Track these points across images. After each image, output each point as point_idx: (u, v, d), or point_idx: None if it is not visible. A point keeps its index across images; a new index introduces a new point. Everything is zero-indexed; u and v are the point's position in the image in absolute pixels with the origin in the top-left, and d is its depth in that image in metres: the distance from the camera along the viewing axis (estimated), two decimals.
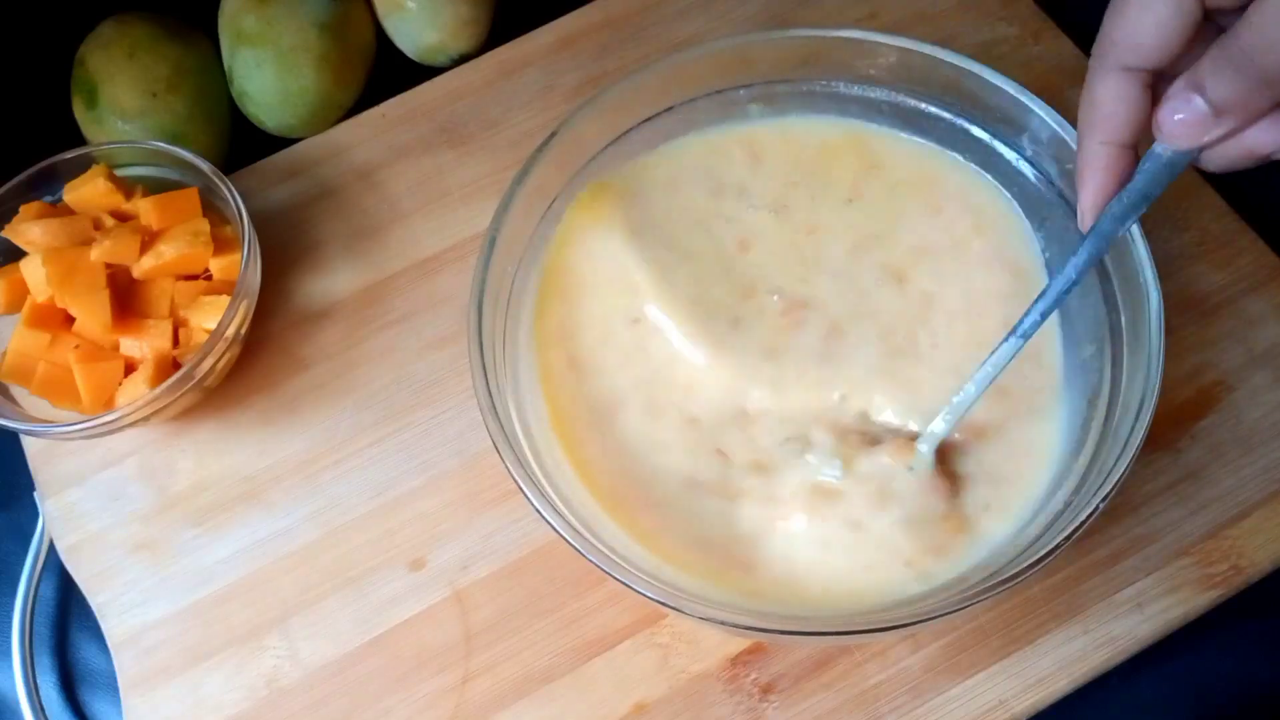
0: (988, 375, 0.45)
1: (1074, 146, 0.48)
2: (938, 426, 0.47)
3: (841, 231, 0.54)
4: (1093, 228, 0.40)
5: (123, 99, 0.63)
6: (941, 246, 0.53)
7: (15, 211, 0.58)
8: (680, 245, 0.54)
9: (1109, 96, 0.34)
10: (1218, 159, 0.34)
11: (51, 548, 0.57)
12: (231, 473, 0.57)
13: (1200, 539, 0.50)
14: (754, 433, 0.50)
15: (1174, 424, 0.52)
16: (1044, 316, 0.44)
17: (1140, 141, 0.38)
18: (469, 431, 0.56)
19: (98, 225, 0.57)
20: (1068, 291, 0.43)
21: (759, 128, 0.56)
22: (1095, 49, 0.35)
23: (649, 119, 0.55)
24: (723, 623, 0.42)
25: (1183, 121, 0.33)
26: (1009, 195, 0.53)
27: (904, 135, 0.55)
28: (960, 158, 0.54)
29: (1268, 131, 0.33)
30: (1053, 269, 0.52)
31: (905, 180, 0.55)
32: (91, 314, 0.54)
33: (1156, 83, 0.35)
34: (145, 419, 0.54)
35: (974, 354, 0.48)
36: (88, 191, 0.57)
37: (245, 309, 0.55)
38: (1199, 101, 0.32)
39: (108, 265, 0.55)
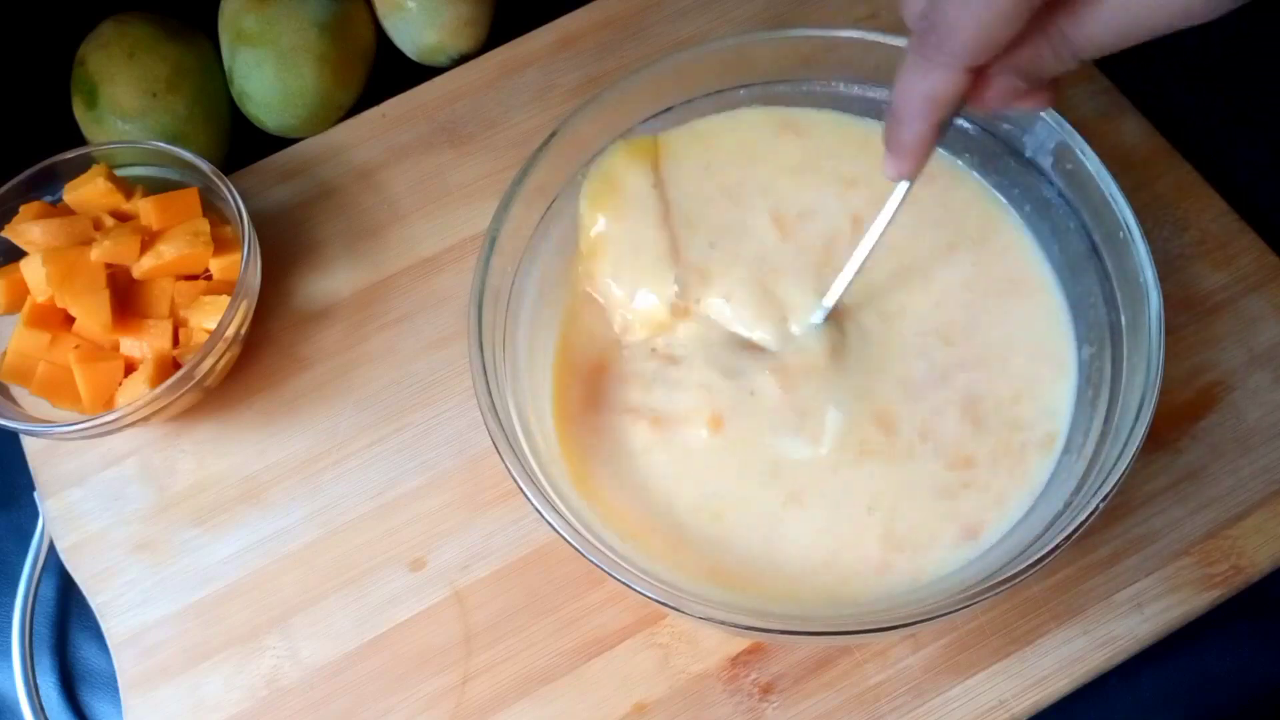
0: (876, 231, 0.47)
1: (1074, 147, 0.49)
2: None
3: (842, 232, 0.54)
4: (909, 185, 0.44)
5: (123, 99, 0.63)
6: (941, 246, 0.53)
7: (15, 211, 0.58)
8: (685, 240, 0.54)
9: (950, 90, 0.38)
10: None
11: (51, 548, 0.57)
12: (231, 473, 0.57)
13: (1200, 539, 0.50)
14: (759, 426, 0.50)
15: (1174, 424, 0.52)
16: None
17: None
18: (469, 431, 0.56)
19: (98, 225, 0.57)
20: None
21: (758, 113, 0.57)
22: (930, 40, 0.37)
23: (649, 119, 0.55)
24: (723, 623, 0.42)
25: (1006, 98, 0.39)
26: (1008, 196, 0.53)
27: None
28: (956, 158, 0.54)
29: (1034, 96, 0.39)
30: (1050, 265, 0.52)
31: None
32: (91, 314, 0.54)
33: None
34: (145, 419, 0.54)
35: (967, 337, 0.49)
36: (88, 191, 0.58)
37: (245, 309, 0.55)
38: (1019, 82, 0.38)
39: (108, 265, 0.55)
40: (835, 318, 0.51)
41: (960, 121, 0.54)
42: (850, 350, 0.51)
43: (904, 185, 0.45)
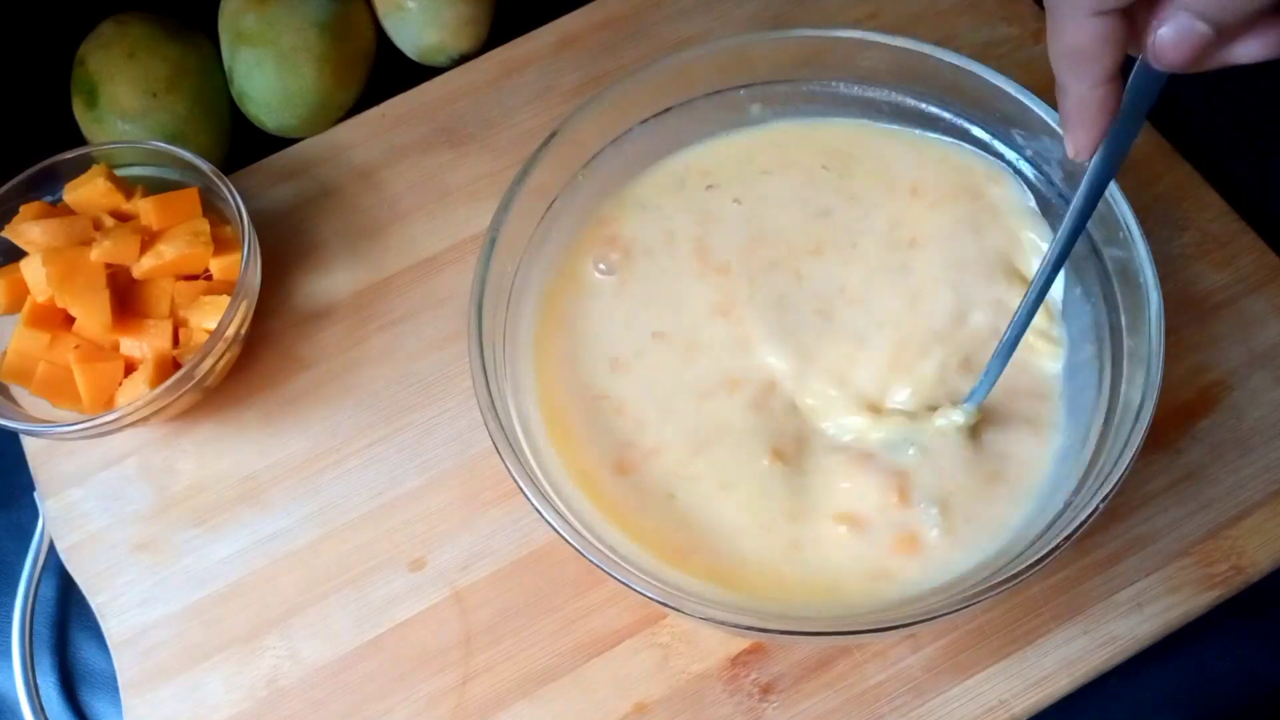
0: (1019, 326, 0.45)
1: None
2: (979, 390, 0.48)
3: (841, 229, 0.54)
4: (1097, 164, 0.39)
5: (123, 99, 0.63)
6: (939, 243, 0.53)
7: (15, 211, 0.58)
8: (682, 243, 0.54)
9: (1092, 40, 0.33)
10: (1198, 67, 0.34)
11: (51, 548, 0.57)
12: (231, 473, 0.57)
13: (1200, 539, 0.50)
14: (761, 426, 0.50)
15: (1174, 424, 0.52)
16: (1060, 260, 0.43)
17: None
18: (469, 431, 0.56)
19: (98, 225, 0.57)
20: (1079, 229, 0.42)
21: (759, 130, 0.57)
22: None
23: (649, 119, 0.56)
24: (723, 623, 0.42)
25: (1181, 45, 0.32)
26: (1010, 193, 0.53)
27: (904, 135, 0.55)
28: (959, 155, 0.54)
29: (1251, 45, 0.32)
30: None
31: (905, 179, 0.55)
32: (91, 314, 0.54)
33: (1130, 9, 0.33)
34: (145, 419, 0.54)
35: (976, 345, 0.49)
36: (88, 191, 0.57)
37: (245, 309, 0.55)
38: (1199, 25, 0.31)
39: (108, 265, 0.55)
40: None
41: (960, 120, 0.54)
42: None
43: (1090, 172, 0.39)
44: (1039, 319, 0.50)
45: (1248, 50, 0.32)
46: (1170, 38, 0.31)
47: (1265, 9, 0.30)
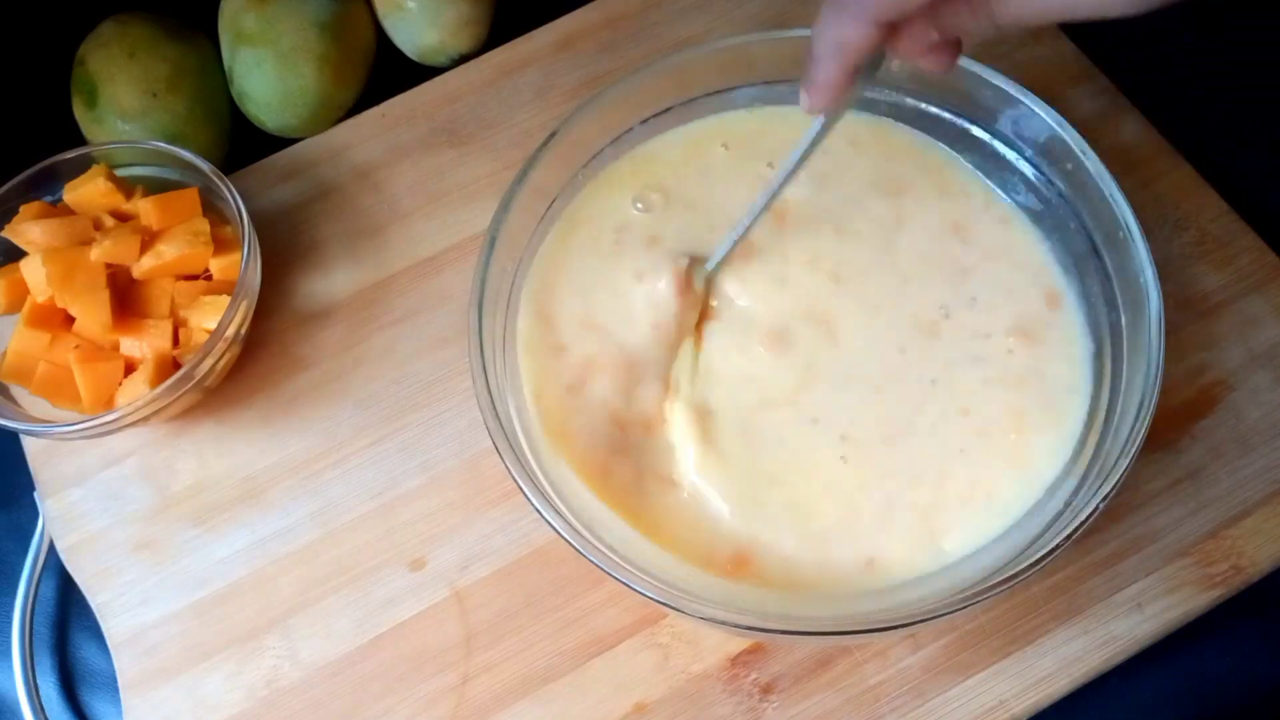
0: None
1: (1074, 145, 0.49)
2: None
3: (841, 230, 0.54)
4: (825, 122, 0.46)
5: (123, 99, 0.63)
6: (938, 243, 0.53)
7: (15, 211, 0.58)
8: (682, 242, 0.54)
9: (864, 39, 0.40)
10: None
11: (51, 548, 0.57)
12: (231, 473, 0.57)
13: (1200, 539, 0.50)
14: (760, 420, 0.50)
15: (1174, 424, 0.52)
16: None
17: None
18: (469, 431, 0.56)
19: (98, 225, 0.57)
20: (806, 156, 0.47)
21: (748, 117, 0.57)
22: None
23: (649, 119, 0.56)
24: (723, 623, 0.42)
25: (921, 49, 0.41)
26: (1005, 190, 0.54)
27: (904, 134, 0.55)
28: (959, 156, 0.55)
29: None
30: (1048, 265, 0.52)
31: (905, 178, 0.55)
32: (91, 314, 0.54)
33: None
34: (145, 419, 0.54)
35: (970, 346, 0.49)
36: (88, 191, 0.58)
37: (245, 309, 0.55)
38: (932, 33, 0.40)
39: (108, 265, 0.55)
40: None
41: (960, 120, 0.54)
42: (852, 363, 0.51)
43: (818, 121, 0.46)
44: (1040, 320, 0.50)
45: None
46: (912, 44, 0.41)
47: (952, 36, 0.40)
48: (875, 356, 0.50)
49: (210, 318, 0.54)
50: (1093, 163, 0.49)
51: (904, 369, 0.50)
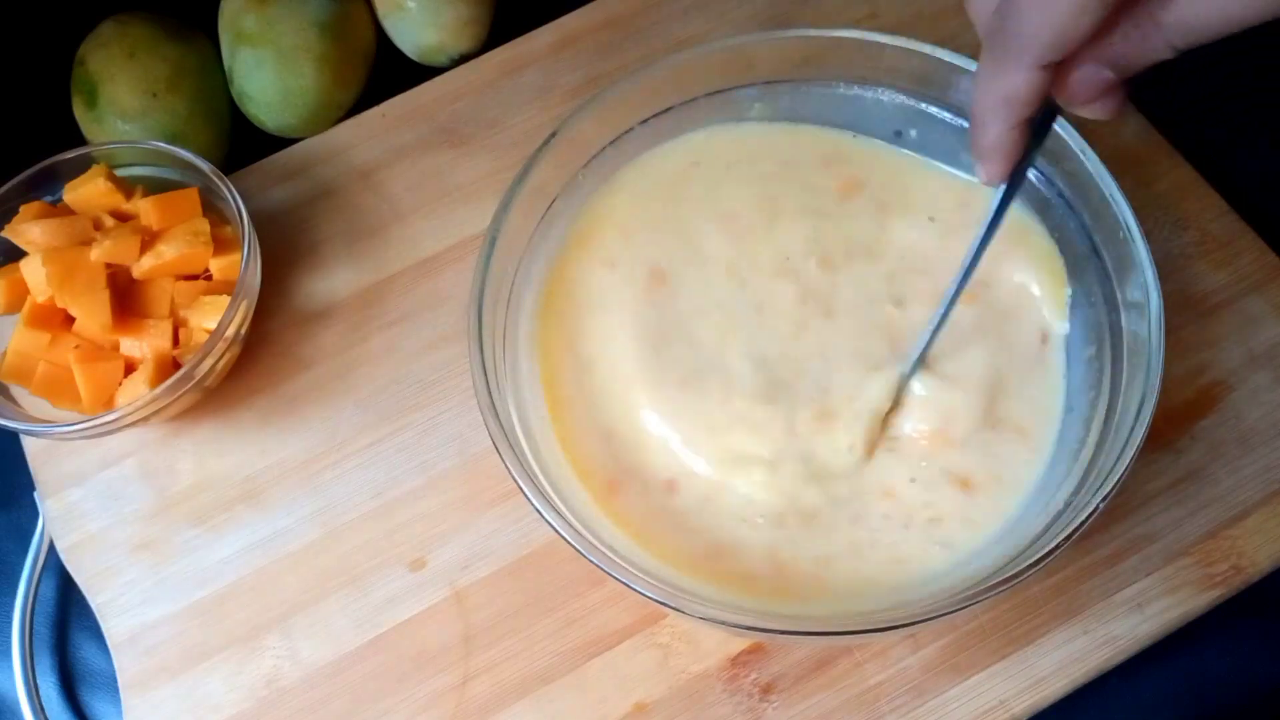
0: (943, 307, 0.47)
1: (1074, 145, 0.49)
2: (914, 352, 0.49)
3: (840, 229, 0.54)
4: (1008, 188, 0.43)
5: (123, 99, 0.63)
6: (936, 242, 0.53)
7: (15, 211, 0.58)
8: (685, 243, 0.54)
9: (1028, 88, 0.37)
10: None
11: (51, 548, 0.57)
12: (231, 473, 0.57)
13: (1200, 539, 0.50)
14: (761, 423, 0.50)
15: (1174, 424, 0.52)
16: (980, 251, 0.45)
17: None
18: (469, 431, 0.56)
19: (98, 225, 0.57)
20: (992, 231, 0.45)
21: (758, 126, 0.57)
22: (1002, 40, 0.36)
23: (649, 119, 0.55)
24: (723, 623, 0.42)
25: (1093, 91, 0.37)
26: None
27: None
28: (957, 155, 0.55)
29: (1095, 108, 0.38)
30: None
31: (904, 177, 0.55)
32: (91, 314, 0.54)
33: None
34: (145, 419, 0.54)
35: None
36: (88, 191, 0.57)
37: (245, 309, 0.55)
38: (1105, 71, 0.36)
39: (108, 265, 0.55)
40: None
41: (960, 120, 0.54)
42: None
43: (998, 192, 0.43)
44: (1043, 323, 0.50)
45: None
46: (1084, 85, 0.37)
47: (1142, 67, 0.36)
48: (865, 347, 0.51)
49: (210, 318, 0.54)
50: (1093, 163, 0.49)
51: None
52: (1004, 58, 0.36)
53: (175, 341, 0.55)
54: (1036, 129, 0.40)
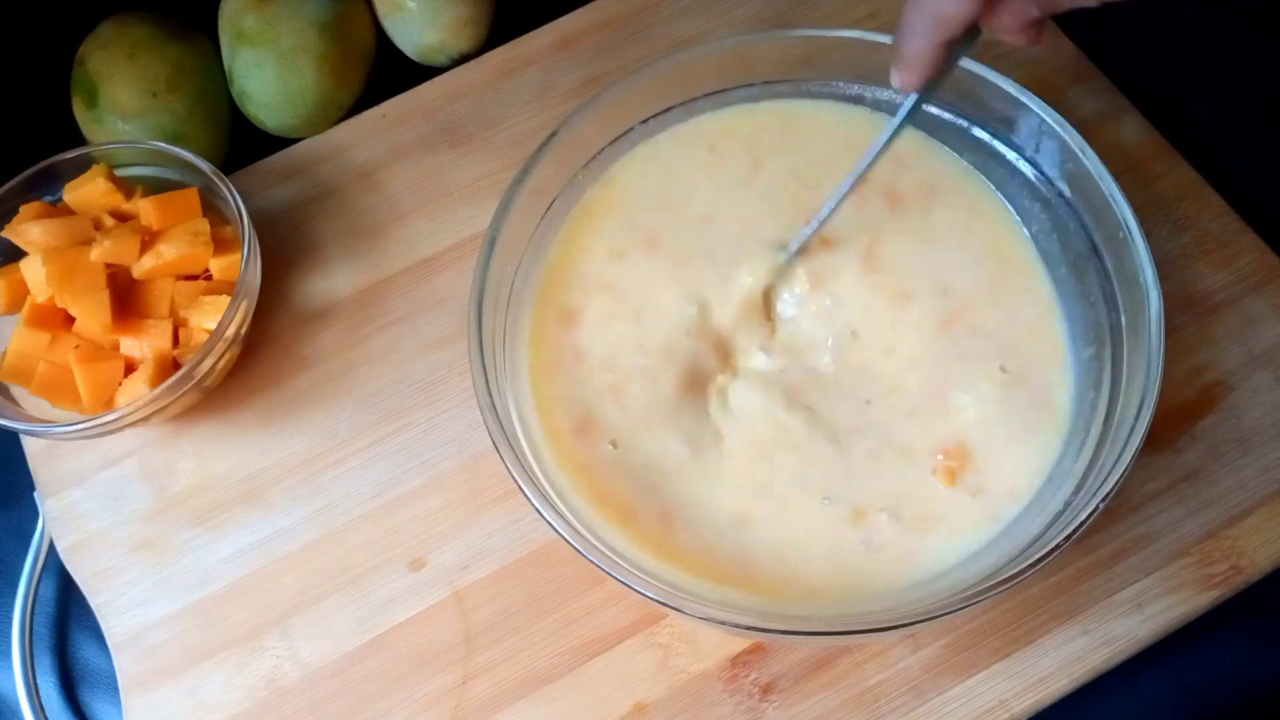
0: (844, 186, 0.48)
1: (1074, 145, 0.49)
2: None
3: (839, 229, 0.54)
4: (918, 98, 0.46)
5: (123, 99, 0.63)
6: (935, 242, 0.53)
7: (15, 211, 0.58)
8: (682, 241, 0.54)
9: (962, 11, 0.39)
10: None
11: (51, 548, 0.57)
12: (231, 473, 0.57)
13: (1200, 539, 0.50)
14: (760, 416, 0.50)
15: (1174, 424, 0.52)
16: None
17: None
18: (469, 431, 0.56)
19: (98, 225, 0.57)
20: (895, 135, 0.47)
21: (759, 111, 0.57)
22: None
23: (649, 119, 0.55)
24: (723, 623, 0.42)
25: (1020, 23, 0.40)
26: (1006, 195, 0.54)
27: (903, 135, 0.55)
28: (959, 157, 0.54)
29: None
30: (1050, 265, 0.52)
31: (903, 180, 0.55)
32: (91, 314, 0.54)
33: None
34: (145, 419, 0.54)
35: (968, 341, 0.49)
36: (88, 191, 0.58)
37: (245, 309, 0.55)
38: (1035, 10, 0.39)
39: (108, 265, 0.55)
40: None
41: (960, 120, 0.54)
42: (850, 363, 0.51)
43: (907, 100, 0.45)
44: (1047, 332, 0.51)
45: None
46: (1013, 14, 0.40)
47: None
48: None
49: (210, 318, 0.54)
50: (1093, 163, 0.49)
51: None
52: None
53: (175, 341, 0.55)
54: (955, 49, 0.41)
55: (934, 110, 0.54)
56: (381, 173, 0.64)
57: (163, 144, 0.59)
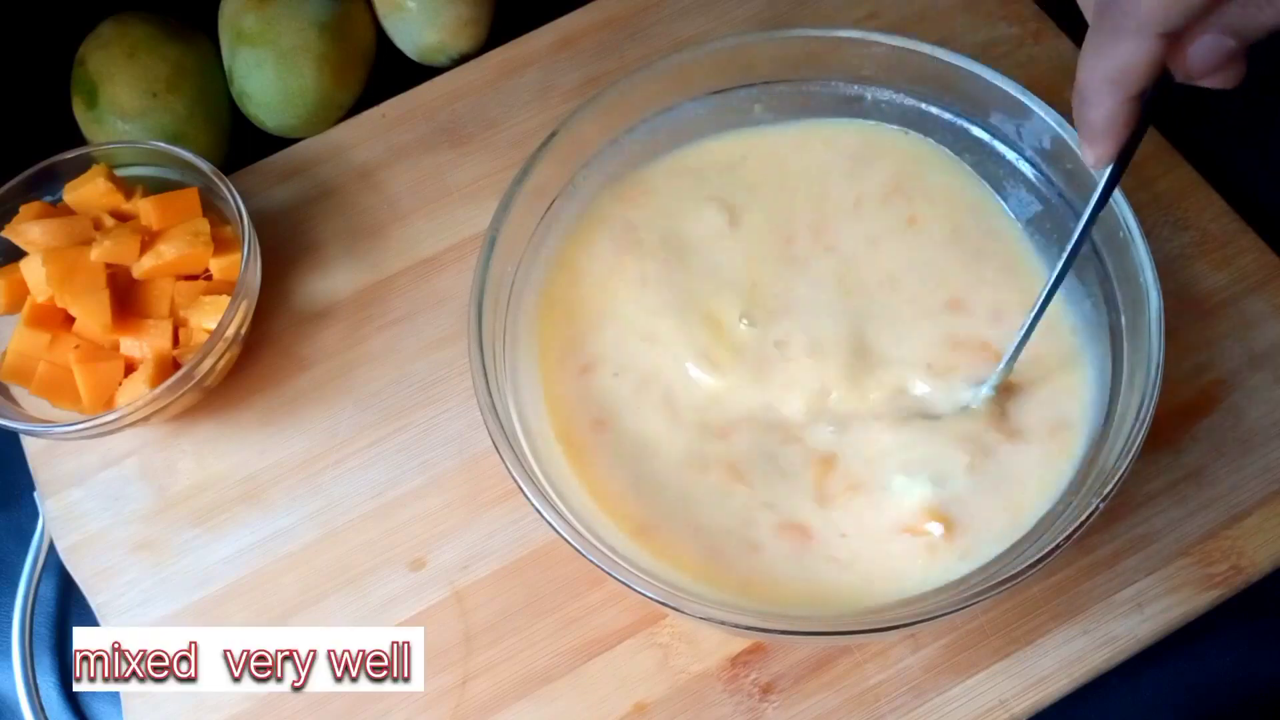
0: (1035, 314, 0.46)
1: (1074, 145, 0.49)
2: (1001, 367, 0.48)
3: (839, 230, 0.54)
4: (1114, 170, 0.41)
5: (123, 99, 0.63)
6: (934, 243, 0.53)
7: (15, 211, 0.58)
8: (682, 245, 0.54)
9: (1146, 58, 0.34)
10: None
11: (51, 548, 0.57)
12: (231, 473, 0.57)
13: (1200, 539, 0.50)
14: (766, 426, 0.50)
15: (1174, 424, 0.52)
16: (1078, 245, 0.43)
17: None
18: (469, 431, 0.56)
19: (98, 225, 0.57)
20: (1091, 223, 0.43)
21: (760, 130, 0.56)
22: (1116, 8, 0.34)
23: (649, 119, 0.56)
24: (723, 623, 0.42)
25: (1212, 62, 0.35)
26: (1000, 194, 0.54)
27: (902, 135, 0.55)
28: (959, 157, 0.54)
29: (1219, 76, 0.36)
30: (1049, 265, 0.51)
31: (904, 180, 0.55)
32: (91, 314, 0.54)
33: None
34: (145, 419, 0.54)
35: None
36: (88, 191, 0.57)
37: (245, 309, 0.55)
38: (1230, 42, 0.34)
39: (108, 265, 0.55)
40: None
41: (960, 120, 0.54)
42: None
43: (1102, 175, 0.41)
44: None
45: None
46: (1202, 55, 0.35)
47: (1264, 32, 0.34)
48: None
49: (210, 318, 0.54)
50: None
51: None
52: (1119, 27, 0.34)
53: (175, 341, 0.55)
54: (1147, 105, 0.37)
55: (934, 110, 0.54)
56: (381, 173, 0.64)
57: (163, 144, 0.59)
